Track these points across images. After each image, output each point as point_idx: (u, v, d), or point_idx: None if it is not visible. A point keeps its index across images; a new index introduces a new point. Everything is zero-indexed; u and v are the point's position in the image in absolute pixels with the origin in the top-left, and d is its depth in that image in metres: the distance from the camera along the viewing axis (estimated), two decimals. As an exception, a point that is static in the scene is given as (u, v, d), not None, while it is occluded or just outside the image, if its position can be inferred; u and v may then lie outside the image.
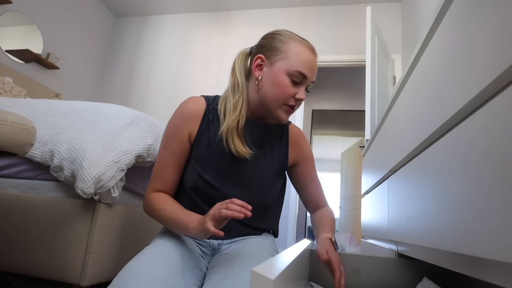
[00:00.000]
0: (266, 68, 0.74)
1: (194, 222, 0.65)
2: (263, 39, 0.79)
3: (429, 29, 0.59)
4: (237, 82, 0.77)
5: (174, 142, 0.77)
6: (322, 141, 6.11)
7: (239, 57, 0.81)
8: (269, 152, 0.82)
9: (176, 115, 0.78)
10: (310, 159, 0.89)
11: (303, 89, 0.74)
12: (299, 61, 0.72)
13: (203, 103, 0.80)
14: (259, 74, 0.75)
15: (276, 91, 0.72)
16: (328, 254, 0.65)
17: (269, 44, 0.75)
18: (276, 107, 0.73)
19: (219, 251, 0.79)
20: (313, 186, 0.88)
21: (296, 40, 0.75)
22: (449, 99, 0.46)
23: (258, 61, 0.75)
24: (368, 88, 2.03)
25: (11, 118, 0.87)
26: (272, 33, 0.78)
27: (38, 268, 0.92)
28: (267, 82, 0.73)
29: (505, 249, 0.29)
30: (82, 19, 3.52)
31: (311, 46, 0.76)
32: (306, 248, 0.67)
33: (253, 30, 3.52)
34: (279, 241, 2.90)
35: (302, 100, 0.73)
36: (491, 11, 0.36)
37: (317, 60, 0.76)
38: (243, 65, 0.80)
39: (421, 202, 0.56)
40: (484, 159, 0.35)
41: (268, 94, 0.73)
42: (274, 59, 0.73)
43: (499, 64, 0.32)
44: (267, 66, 0.74)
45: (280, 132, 0.86)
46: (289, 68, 0.71)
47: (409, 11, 2.79)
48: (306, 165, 0.88)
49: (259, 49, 0.77)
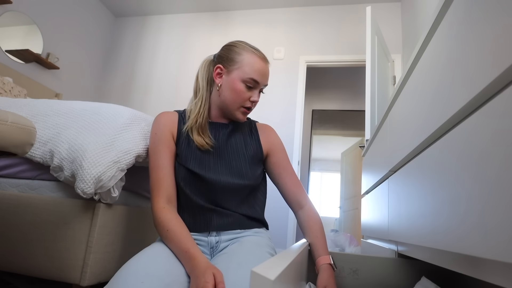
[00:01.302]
0: (224, 76, 0.86)
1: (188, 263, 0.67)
2: (222, 50, 0.90)
3: (429, 29, 0.59)
4: (198, 87, 0.90)
5: (161, 146, 0.83)
6: (322, 141, 6.11)
7: (203, 64, 0.92)
8: (242, 141, 0.91)
9: (155, 125, 0.87)
10: (282, 150, 0.95)
11: (257, 92, 0.86)
12: (252, 70, 0.83)
13: (175, 113, 0.91)
14: (219, 81, 0.87)
15: (233, 96, 0.84)
16: None
17: (226, 55, 0.87)
18: (235, 109, 0.86)
19: (217, 249, 0.80)
20: (289, 177, 0.91)
21: (249, 51, 0.85)
22: (449, 99, 0.46)
23: (218, 70, 0.87)
24: (368, 88, 2.04)
25: (11, 118, 0.87)
26: (229, 44, 0.90)
27: (38, 268, 0.92)
28: (226, 88, 0.85)
29: (505, 249, 0.29)
30: (82, 19, 3.52)
31: (263, 55, 0.87)
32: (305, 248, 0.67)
33: (253, 30, 3.53)
34: (279, 241, 2.90)
35: (256, 102, 0.86)
36: (491, 11, 0.36)
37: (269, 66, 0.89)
38: (206, 71, 0.91)
39: (421, 202, 0.56)
40: (484, 159, 0.35)
41: (227, 98, 0.85)
42: (230, 69, 0.85)
43: (499, 64, 0.32)
44: (226, 74, 0.86)
45: (249, 127, 0.96)
46: (243, 76, 0.83)
47: (409, 11, 2.79)
48: (279, 154, 0.93)
49: (219, 60, 0.88)
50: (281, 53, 3.34)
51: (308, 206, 0.89)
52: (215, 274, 0.61)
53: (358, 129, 5.02)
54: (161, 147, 0.83)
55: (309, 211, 0.87)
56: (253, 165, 0.89)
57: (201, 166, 0.83)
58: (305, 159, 4.70)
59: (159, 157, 0.82)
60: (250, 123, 0.98)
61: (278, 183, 0.92)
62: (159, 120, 0.87)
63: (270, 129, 0.98)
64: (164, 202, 0.78)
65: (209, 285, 0.58)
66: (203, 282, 0.58)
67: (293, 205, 0.90)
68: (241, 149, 0.89)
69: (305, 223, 0.86)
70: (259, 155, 0.92)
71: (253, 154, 0.90)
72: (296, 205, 0.90)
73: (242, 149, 0.90)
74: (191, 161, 0.83)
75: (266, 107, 3.18)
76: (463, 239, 0.38)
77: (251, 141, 0.93)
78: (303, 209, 0.88)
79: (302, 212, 0.88)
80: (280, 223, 2.93)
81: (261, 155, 0.92)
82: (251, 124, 0.98)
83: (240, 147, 0.90)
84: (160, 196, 0.78)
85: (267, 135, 0.95)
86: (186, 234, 0.72)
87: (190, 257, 0.66)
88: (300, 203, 0.89)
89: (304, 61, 3.27)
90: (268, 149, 0.94)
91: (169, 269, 0.64)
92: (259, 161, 0.92)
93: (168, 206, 0.78)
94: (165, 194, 0.79)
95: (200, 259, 0.65)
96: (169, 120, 0.88)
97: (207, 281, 0.58)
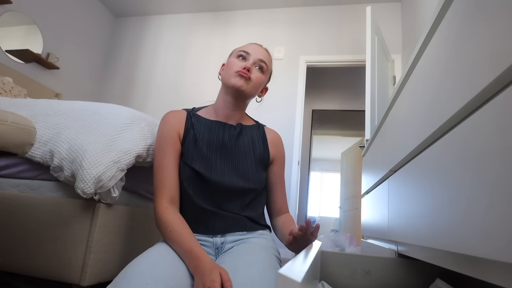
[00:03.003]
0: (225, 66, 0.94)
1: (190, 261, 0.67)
2: None
3: (429, 29, 0.59)
4: None
5: (167, 146, 0.83)
6: (322, 141, 6.12)
7: None
8: (250, 144, 0.91)
9: (162, 124, 0.87)
10: (283, 161, 0.98)
11: (251, 63, 0.89)
12: (242, 47, 0.93)
13: (183, 111, 0.92)
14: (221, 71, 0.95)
15: (228, 69, 0.90)
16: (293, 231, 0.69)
17: None
18: (230, 78, 0.88)
19: (222, 250, 0.79)
20: (281, 189, 0.96)
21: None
22: (449, 99, 0.46)
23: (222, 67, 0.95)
24: (368, 88, 2.04)
25: (11, 118, 0.87)
26: None
27: (38, 268, 0.92)
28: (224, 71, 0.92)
29: (505, 249, 0.29)
30: (82, 19, 3.52)
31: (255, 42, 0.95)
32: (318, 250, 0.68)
33: (253, 30, 3.53)
34: (279, 242, 2.89)
35: (247, 67, 0.87)
36: (491, 10, 0.36)
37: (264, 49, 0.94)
38: None
39: (421, 202, 0.56)
40: (484, 159, 0.35)
41: (224, 75, 0.90)
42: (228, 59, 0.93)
43: (499, 64, 0.32)
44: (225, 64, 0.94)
45: (257, 130, 0.97)
46: (235, 54, 0.92)
47: (409, 11, 2.79)
48: (280, 166, 0.97)
49: None
50: (281, 53, 3.34)
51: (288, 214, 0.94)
52: (221, 273, 0.60)
53: (358, 129, 5.02)
54: (167, 146, 0.83)
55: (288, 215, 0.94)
56: (259, 169, 0.89)
57: (207, 166, 0.83)
58: (305, 159, 4.70)
59: (164, 156, 0.82)
60: (259, 126, 0.98)
61: (270, 191, 0.95)
62: (166, 119, 0.87)
63: (279, 138, 0.99)
64: (167, 203, 0.78)
65: (217, 284, 0.57)
66: (209, 281, 0.58)
67: (274, 212, 0.94)
68: (249, 152, 0.90)
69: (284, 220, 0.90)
70: (266, 160, 0.92)
71: (260, 158, 0.90)
72: (277, 212, 0.94)
73: (250, 152, 0.90)
74: (197, 161, 0.83)
75: (266, 107, 3.18)
76: (463, 239, 0.38)
77: (259, 145, 0.93)
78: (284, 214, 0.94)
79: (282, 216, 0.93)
80: (280, 223, 2.92)
81: (268, 161, 0.93)
82: (260, 128, 0.98)
83: (248, 149, 0.90)
84: (163, 196, 0.78)
85: (276, 144, 0.96)
86: (189, 234, 0.72)
87: (194, 256, 0.66)
88: (281, 211, 0.94)
89: (304, 61, 3.27)
90: (274, 157, 0.95)
91: (174, 271, 0.63)
92: (265, 166, 0.92)
93: (171, 206, 0.78)
94: (168, 194, 0.79)
95: (204, 259, 0.65)
96: (177, 119, 0.87)
97: (214, 280, 0.58)
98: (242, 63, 0.88)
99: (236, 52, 0.91)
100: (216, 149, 0.86)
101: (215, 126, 0.89)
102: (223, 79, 0.90)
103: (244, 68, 0.87)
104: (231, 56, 0.92)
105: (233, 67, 0.88)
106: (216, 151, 0.86)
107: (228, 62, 0.91)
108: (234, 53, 0.93)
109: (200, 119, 0.90)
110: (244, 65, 0.87)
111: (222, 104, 0.91)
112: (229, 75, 0.87)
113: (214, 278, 0.58)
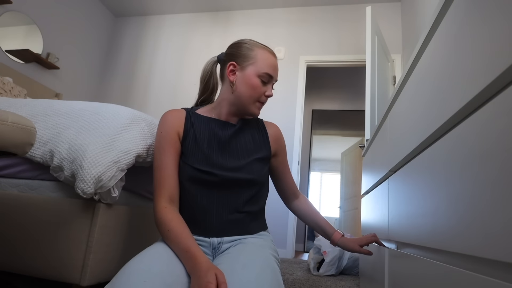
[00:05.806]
0: (238, 73, 0.86)
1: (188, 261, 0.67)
2: (232, 48, 0.91)
3: (429, 29, 0.59)
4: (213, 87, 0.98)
5: (166, 145, 0.83)
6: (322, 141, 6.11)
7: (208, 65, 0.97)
8: (250, 139, 0.92)
9: (161, 124, 0.86)
10: (285, 150, 1.02)
11: (270, 87, 0.89)
12: (266, 65, 0.85)
13: (182, 110, 0.90)
14: (233, 78, 0.87)
15: (250, 91, 0.85)
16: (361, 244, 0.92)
17: (238, 52, 0.88)
18: (250, 103, 0.86)
19: (220, 250, 0.80)
20: (289, 175, 1.03)
21: (260, 47, 0.88)
22: (449, 99, 0.46)
23: (231, 68, 0.87)
24: (368, 88, 2.04)
25: (11, 118, 0.87)
26: (238, 42, 0.91)
27: (38, 268, 0.92)
28: (241, 84, 0.85)
29: (505, 249, 0.29)
30: (82, 19, 3.52)
31: (272, 51, 0.90)
32: None
33: (253, 30, 3.53)
34: (280, 241, 2.90)
35: (271, 96, 0.87)
36: (491, 11, 0.36)
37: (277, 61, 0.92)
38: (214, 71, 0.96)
39: (421, 202, 0.56)
40: (484, 159, 0.35)
41: (243, 94, 0.85)
42: (244, 65, 0.86)
43: (499, 64, 0.32)
44: (239, 70, 0.86)
45: (256, 125, 0.97)
46: (258, 71, 0.85)
47: (409, 11, 2.79)
48: (284, 155, 1.01)
49: (230, 57, 0.89)
50: (281, 53, 3.34)
51: (302, 196, 1.04)
52: (217, 274, 0.60)
53: (358, 129, 5.02)
54: (166, 146, 0.83)
55: (305, 199, 1.03)
56: (261, 163, 0.90)
57: (208, 163, 0.83)
58: (305, 159, 4.70)
59: (163, 156, 0.82)
60: (257, 120, 0.98)
61: (279, 179, 1.01)
62: (166, 119, 0.86)
63: (278, 130, 0.99)
64: (166, 202, 0.78)
65: (212, 286, 0.57)
66: (205, 282, 0.58)
67: (289, 196, 1.02)
68: (250, 147, 0.90)
69: (305, 206, 1.02)
70: (267, 154, 0.92)
71: (261, 154, 0.91)
72: (292, 196, 1.02)
73: (250, 147, 0.90)
74: (198, 159, 0.83)
75: (266, 107, 3.18)
76: (463, 239, 0.38)
77: (259, 139, 0.93)
78: (299, 198, 1.03)
79: (299, 200, 1.03)
80: (280, 223, 2.93)
81: (269, 154, 0.93)
82: (258, 122, 0.98)
83: (248, 145, 0.90)
84: (162, 195, 0.78)
85: (276, 136, 0.97)
86: (187, 234, 0.72)
87: (191, 256, 0.66)
88: (295, 194, 1.03)
89: (304, 61, 3.27)
90: (276, 149, 0.97)
91: (171, 269, 0.64)
92: (267, 160, 0.93)
93: (170, 206, 0.78)
94: (167, 193, 0.79)
95: (201, 259, 0.65)
96: (176, 118, 0.87)
97: (210, 281, 0.58)
98: (265, 88, 0.86)
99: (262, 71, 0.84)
100: (217, 147, 0.86)
101: (215, 124, 0.89)
102: (240, 95, 0.85)
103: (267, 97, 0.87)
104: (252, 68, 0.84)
105: (256, 92, 0.85)
106: (217, 149, 0.85)
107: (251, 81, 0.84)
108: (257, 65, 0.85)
109: (200, 117, 0.89)
110: (268, 94, 0.87)
111: (226, 110, 0.90)
112: (251, 99, 0.85)
113: (210, 280, 0.58)
